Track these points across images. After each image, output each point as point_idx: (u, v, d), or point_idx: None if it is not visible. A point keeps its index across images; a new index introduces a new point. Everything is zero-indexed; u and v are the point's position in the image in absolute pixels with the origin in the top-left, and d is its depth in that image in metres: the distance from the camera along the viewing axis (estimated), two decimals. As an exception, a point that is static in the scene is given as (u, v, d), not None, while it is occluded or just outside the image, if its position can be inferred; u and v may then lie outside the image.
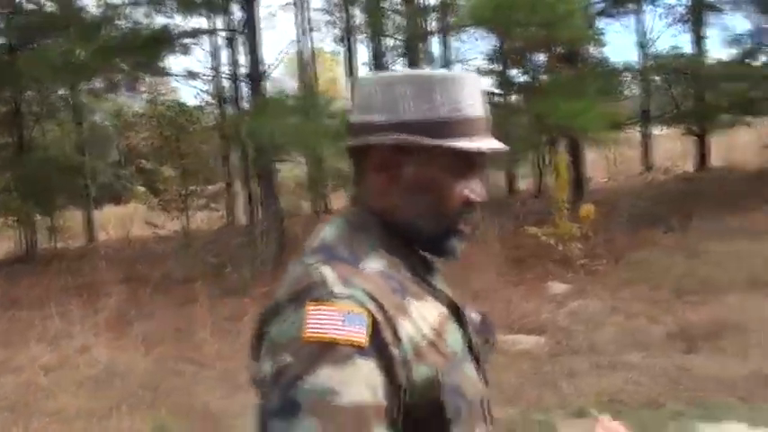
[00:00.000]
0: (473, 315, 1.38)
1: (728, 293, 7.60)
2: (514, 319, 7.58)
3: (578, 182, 14.17)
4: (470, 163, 1.27)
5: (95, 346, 8.70)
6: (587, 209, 9.69)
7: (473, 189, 1.29)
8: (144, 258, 16.59)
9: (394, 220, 1.27)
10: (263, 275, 11.07)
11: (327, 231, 1.28)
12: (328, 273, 1.15)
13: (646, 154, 22.91)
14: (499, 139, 1.35)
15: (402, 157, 1.25)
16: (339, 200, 19.86)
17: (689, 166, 21.21)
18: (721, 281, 8.08)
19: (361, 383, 1.06)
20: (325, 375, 1.05)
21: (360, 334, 1.08)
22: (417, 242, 1.29)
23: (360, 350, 1.08)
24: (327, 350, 1.07)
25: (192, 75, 17.70)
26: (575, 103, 9.68)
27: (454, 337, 1.25)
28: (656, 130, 23.33)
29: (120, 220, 25.01)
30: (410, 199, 1.26)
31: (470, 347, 1.30)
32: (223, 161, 21.58)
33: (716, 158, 20.88)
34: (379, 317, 1.11)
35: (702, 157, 20.37)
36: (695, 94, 19.01)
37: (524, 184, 21.68)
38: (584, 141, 14.29)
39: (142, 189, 24.78)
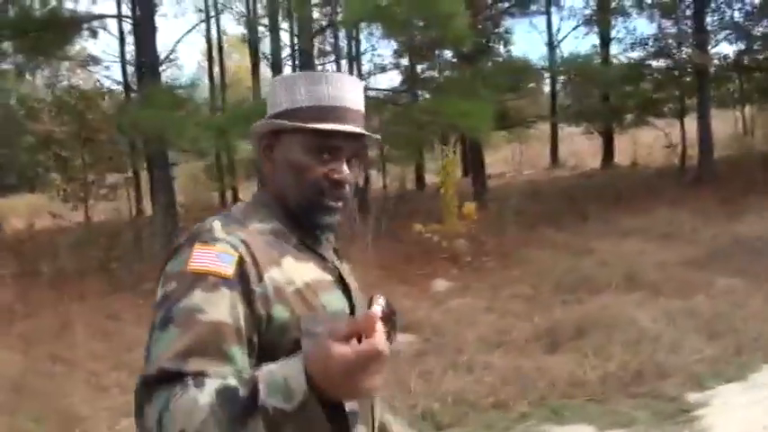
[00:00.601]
0: (377, 307, 1.41)
1: (605, 293, 7.74)
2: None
3: (476, 178, 14.28)
4: (328, 145, 1.47)
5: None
6: (469, 207, 9.73)
7: (335, 169, 1.48)
8: (44, 251, 15.98)
9: (278, 195, 1.52)
10: (153, 271, 10.75)
11: (235, 206, 1.56)
12: (216, 224, 1.43)
13: (554, 150, 23.33)
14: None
15: (274, 142, 1.50)
16: (247, 192, 19.59)
17: (597, 163, 21.72)
18: (601, 280, 8.20)
19: (222, 306, 1.30)
20: (196, 297, 1.29)
21: (227, 268, 1.34)
22: (296, 215, 1.51)
23: (226, 281, 1.32)
24: (201, 279, 1.32)
25: (94, 60, 17.19)
26: (465, 102, 9.65)
27: (333, 299, 1.47)
28: (570, 128, 23.78)
29: (34, 210, 24.18)
30: (282, 177, 1.50)
31: (353, 314, 1.51)
32: (132, 150, 20.94)
33: (624, 156, 21.43)
34: (247, 258, 1.36)
35: (608, 154, 20.86)
36: (601, 95, 19.44)
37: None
38: (476, 140, 14.31)
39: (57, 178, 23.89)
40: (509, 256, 10.19)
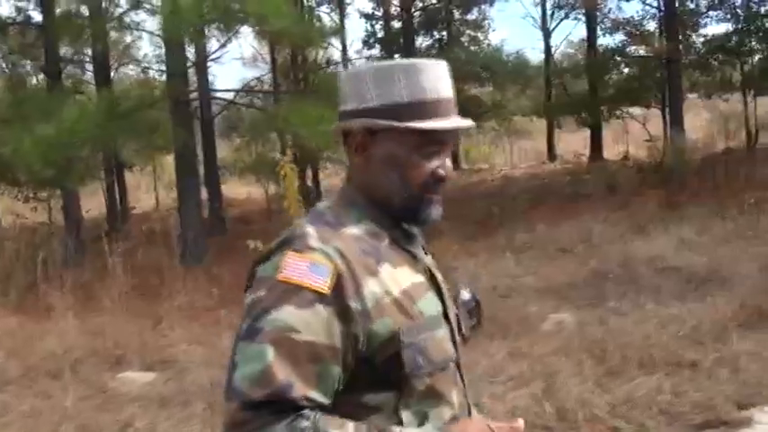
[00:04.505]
0: (465, 294, 1.61)
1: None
2: (153, 353, 6.74)
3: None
4: (433, 141, 1.41)
5: None
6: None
7: (439, 165, 1.43)
8: None
9: (373, 194, 1.44)
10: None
11: (323, 202, 1.49)
12: (309, 230, 1.36)
13: (549, 145, 21.91)
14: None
15: (372, 138, 1.42)
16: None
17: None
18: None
19: (317, 326, 1.26)
20: (288, 312, 1.26)
21: (323, 283, 1.27)
22: (394, 213, 1.44)
23: (321, 297, 1.27)
24: (293, 292, 1.27)
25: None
26: (310, 110, 8.48)
27: (428, 303, 1.40)
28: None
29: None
30: (382, 175, 1.42)
31: (446, 316, 1.45)
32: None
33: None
34: (344, 271, 1.30)
35: (596, 149, 19.26)
36: (589, 84, 17.88)
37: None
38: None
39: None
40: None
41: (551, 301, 7.41)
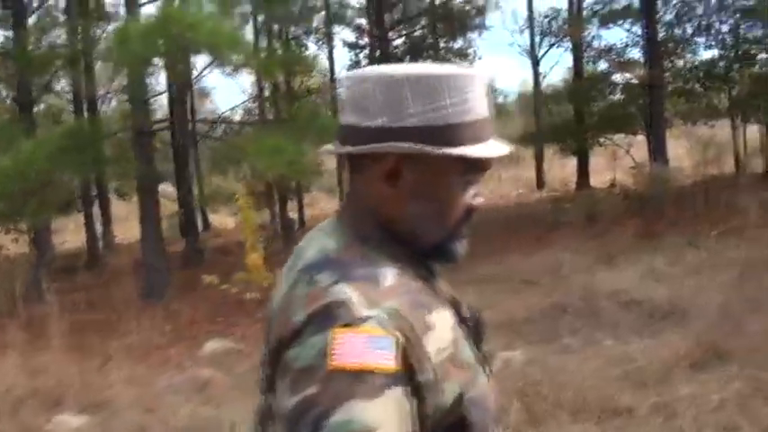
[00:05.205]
0: (465, 310, 1.29)
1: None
2: (92, 394, 6.55)
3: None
4: (476, 168, 1.20)
5: None
6: (255, 258, 8.44)
7: (476, 195, 1.23)
8: None
9: (397, 228, 1.20)
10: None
11: (328, 242, 1.18)
12: (350, 292, 1.06)
13: (539, 173, 21.72)
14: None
15: (407, 164, 1.17)
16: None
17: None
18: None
19: (392, 414, 1.01)
20: (356, 409, 0.99)
21: (388, 361, 1.02)
22: (420, 250, 1.22)
23: (389, 378, 1.02)
24: (356, 380, 1.00)
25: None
26: (267, 140, 8.35)
27: (467, 346, 1.20)
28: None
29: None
30: (414, 207, 1.19)
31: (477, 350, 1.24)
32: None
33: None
34: (408, 338, 1.06)
35: (582, 176, 19.05)
36: (574, 111, 17.75)
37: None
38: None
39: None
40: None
41: (505, 337, 7.15)
